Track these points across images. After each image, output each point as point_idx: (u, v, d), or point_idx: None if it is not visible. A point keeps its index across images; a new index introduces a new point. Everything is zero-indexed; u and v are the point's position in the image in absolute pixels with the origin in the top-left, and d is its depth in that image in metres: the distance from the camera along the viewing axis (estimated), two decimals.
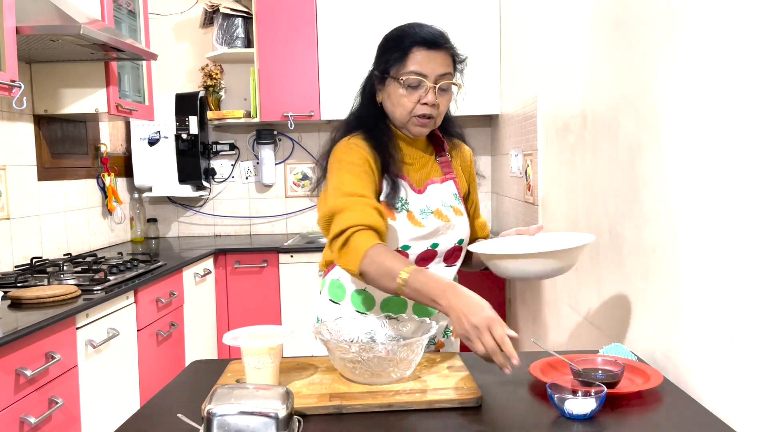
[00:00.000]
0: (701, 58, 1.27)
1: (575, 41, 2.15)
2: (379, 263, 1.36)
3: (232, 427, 0.99)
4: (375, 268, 1.36)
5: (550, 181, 2.56)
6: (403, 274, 1.32)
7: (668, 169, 1.42)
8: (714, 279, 1.22)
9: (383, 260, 1.36)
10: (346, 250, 1.41)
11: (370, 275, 1.38)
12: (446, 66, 1.52)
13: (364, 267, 1.38)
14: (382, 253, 1.37)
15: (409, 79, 1.50)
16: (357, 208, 1.43)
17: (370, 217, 1.42)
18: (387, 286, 1.36)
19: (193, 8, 4.07)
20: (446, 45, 1.53)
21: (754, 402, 1.10)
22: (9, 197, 2.74)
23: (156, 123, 3.76)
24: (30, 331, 1.83)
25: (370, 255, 1.37)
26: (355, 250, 1.39)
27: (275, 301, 3.58)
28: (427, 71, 1.50)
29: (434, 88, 1.50)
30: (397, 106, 1.54)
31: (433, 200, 1.59)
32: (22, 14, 2.25)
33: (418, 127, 1.56)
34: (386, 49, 1.55)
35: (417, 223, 1.56)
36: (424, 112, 1.52)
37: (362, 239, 1.39)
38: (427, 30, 1.53)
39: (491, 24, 3.66)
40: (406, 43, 1.51)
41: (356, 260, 1.38)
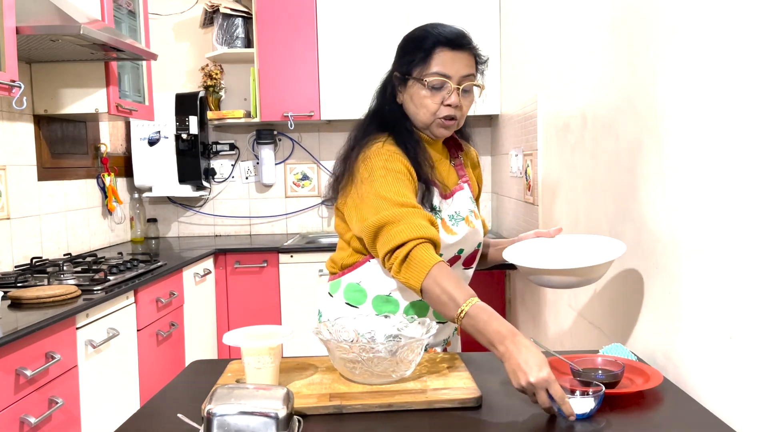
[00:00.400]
0: (701, 58, 1.27)
1: (575, 41, 2.15)
2: (442, 287, 1.30)
3: (232, 427, 0.99)
4: (437, 291, 1.31)
5: (550, 181, 2.56)
6: (465, 307, 1.26)
7: (668, 169, 1.42)
8: (714, 279, 1.22)
9: (446, 285, 1.30)
10: (408, 265, 1.35)
11: (430, 296, 1.34)
12: (469, 67, 1.50)
13: (426, 286, 1.33)
14: (445, 276, 1.32)
15: (433, 81, 1.47)
16: (412, 220, 1.38)
17: (427, 230, 1.38)
18: (445, 313, 1.31)
19: (193, 8, 4.07)
20: (469, 45, 1.51)
21: (754, 402, 1.10)
22: (9, 197, 2.74)
23: (156, 123, 3.76)
24: (30, 331, 1.83)
25: (433, 275, 1.32)
26: (418, 265, 1.34)
27: (275, 301, 3.58)
28: (450, 72, 1.47)
29: (458, 90, 1.48)
30: (420, 107, 1.51)
31: (461, 206, 1.57)
32: (22, 14, 2.25)
33: (442, 129, 1.53)
34: (408, 50, 1.52)
35: (449, 231, 1.53)
36: (448, 113, 1.49)
37: (424, 254, 1.35)
38: (450, 30, 1.50)
39: (491, 24, 3.66)
40: (429, 44, 1.48)
41: (420, 277, 1.34)
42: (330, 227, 4.20)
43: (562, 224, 2.37)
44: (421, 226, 1.37)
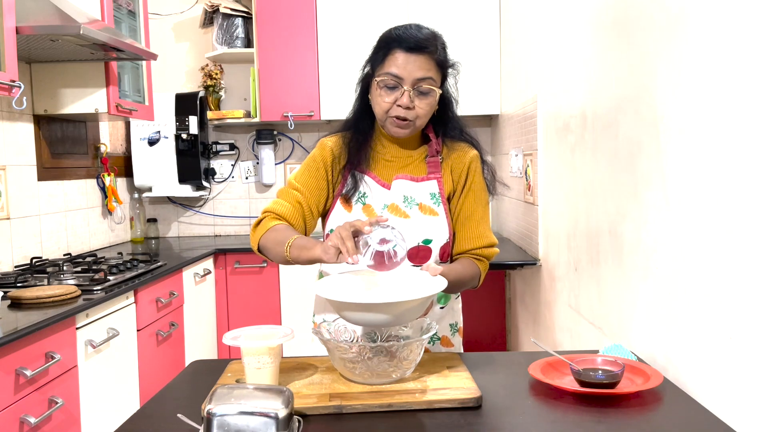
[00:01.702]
0: (701, 58, 1.27)
1: (575, 41, 2.15)
2: (276, 235, 1.52)
3: (232, 427, 0.99)
4: (271, 241, 1.53)
5: (550, 181, 2.56)
6: (291, 239, 1.46)
7: (668, 169, 1.42)
8: (714, 279, 1.22)
9: (282, 233, 1.52)
10: (255, 228, 1.59)
11: (267, 246, 1.54)
12: (425, 70, 1.52)
13: (263, 240, 1.55)
14: (285, 229, 1.54)
15: (386, 80, 1.53)
16: (285, 199, 1.62)
17: (289, 211, 1.59)
18: (279, 252, 1.49)
19: (193, 8, 4.07)
20: (428, 49, 1.52)
21: (754, 402, 1.10)
22: (9, 197, 2.74)
23: (156, 123, 3.76)
24: (30, 331, 1.83)
25: (273, 229, 1.55)
26: (262, 228, 1.57)
27: (275, 301, 3.58)
28: (403, 74, 1.51)
29: (409, 92, 1.52)
30: (375, 105, 1.58)
31: (395, 196, 1.60)
32: (22, 14, 2.25)
33: (395, 128, 1.57)
34: (374, 48, 1.59)
35: (373, 216, 1.58)
36: (398, 113, 1.54)
37: (272, 221, 1.57)
38: (411, 33, 1.53)
39: (491, 24, 3.66)
40: (387, 45, 1.54)
41: (258, 236, 1.57)
42: None
43: (562, 224, 2.37)
44: (286, 205, 1.60)
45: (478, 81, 3.65)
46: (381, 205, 1.60)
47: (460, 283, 1.57)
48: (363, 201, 1.61)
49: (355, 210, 1.61)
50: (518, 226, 3.22)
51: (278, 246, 1.50)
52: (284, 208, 1.60)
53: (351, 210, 1.61)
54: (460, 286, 1.58)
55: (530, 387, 1.32)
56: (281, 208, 1.60)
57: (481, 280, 1.64)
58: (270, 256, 1.56)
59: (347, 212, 1.61)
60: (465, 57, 3.83)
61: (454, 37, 3.71)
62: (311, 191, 1.63)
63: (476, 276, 1.61)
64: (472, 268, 1.60)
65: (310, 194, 1.63)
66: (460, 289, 1.62)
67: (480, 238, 1.62)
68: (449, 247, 1.62)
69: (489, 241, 1.63)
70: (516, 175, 3.19)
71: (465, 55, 3.64)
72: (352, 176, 1.63)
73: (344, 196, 1.63)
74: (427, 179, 1.62)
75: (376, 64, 1.57)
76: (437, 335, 1.67)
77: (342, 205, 1.62)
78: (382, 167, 1.64)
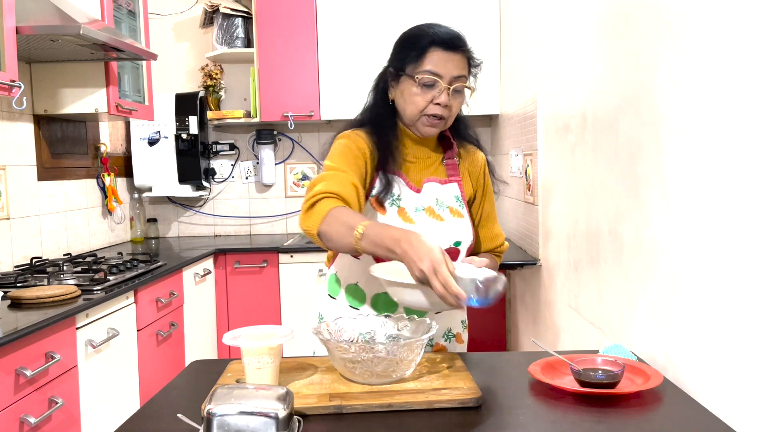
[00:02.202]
0: (701, 58, 1.27)
1: (575, 41, 2.15)
2: (338, 220, 1.35)
3: (232, 427, 0.99)
4: (334, 224, 1.36)
5: (550, 181, 2.56)
6: (360, 228, 1.31)
7: (668, 169, 1.42)
8: (714, 279, 1.22)
9: (343, 217, 1.35)
10: (309, 212, 1.40)
11: (328, 234, 1.37)
12: (461, 68, 1.54)
13: (322, 227, 1.37)
14: (344, 212, 1.37)
15: (424, 78, 1.51)
16: (334, 180, 1.44)
17: (342, 188, 1.43)
18: (345, 242, 1.34)
19: (193, 8, 4.07)
20: (463, 48, 1.54)
21: (754, 402, 1.10)
22: (9, 197, 2.74)
23: (156, 123, 3.76)
24: (30, 331, 1.83)
25: (331, 214, 1.37)
26: (319, 212, 1.38)
27: (275, 301, 3.58)
28: (442, 72, 1.51)
29: (448, 90, 1.52)
30: (409, 103, 1.55)
31: (427, 198, 1.60)
32: (22, 14, 2.25)
33: (428, 127, 1.57)
34: (403, 47, 1.57)
35: (408, 219, 1.57)
36: (435, 112, 1.53)
37: (327, 203, 1.39)
38: (445, 31, 1.54)
39: (491, 24, 3.66)
40: (423, 43, 1.52)
41: (317, 221, 1.38)
42: None
43: (562, 224, 2.37)
44: (338, 184, 1.42)
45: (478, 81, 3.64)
46: (413, 208, 1.58)
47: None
48: (397, 204, 1.58)
49: (389, 213, 1.57)
50: (518, 226, 3.22)
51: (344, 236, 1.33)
52: (340, 187, 1.43)
53: (385, 213, 1.57)
54: None
55: (530, 387, 1.32)
56: (337, 187, 1.42)
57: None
58: (330, 245, 1.40)
59: (381, 215, 1.57)
60: None
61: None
62: (358, 176, 1.50)
63: (497, 269, 1.68)
64: (495, 262, 1.70)
65: (358, 178, 1.50)
66: None
67: (498, 237, 1.74)
68: (472, 248, 1.67)
69: (504, 237, 1.76)
70: (516, 175, 3.19)
71: None
72: (384, 177, 1.57)
73: (376, 198, 1.57)
74: (449, 182, 1.65)
75: (408, 63, 1.54)
76: (452, 332, 1.69)
77: (375, 207, 1.57)
78: (411, 170, 1.62)
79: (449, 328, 1.68)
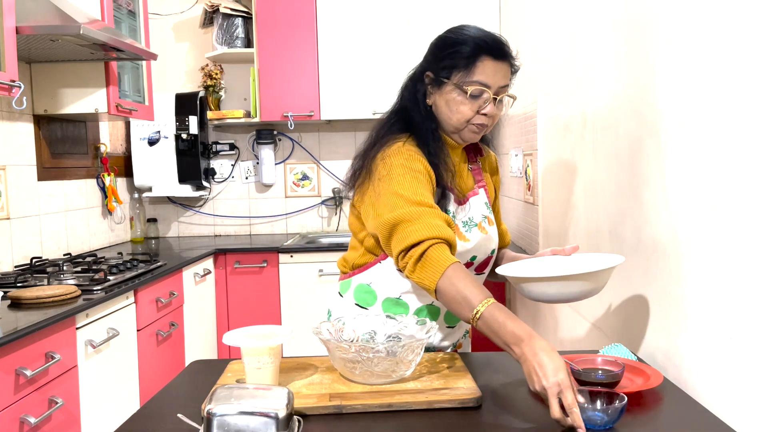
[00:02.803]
0: (701, 58, 1.27)
1: (575, 41, 2.15)
2: (457, 288, 1.28)
3: (232, 427, 0.99)
4: (452, 291, 1.29)
5: (550, 181, 2.56)
6: (480, 308, 1.24)
7: (668, 169, 1.42)
8: (714, 279, 1.22)
9: (461, 285, 1.28)
10: (423, 264, 1.33)
11: (445, 297, 1.31)
12: (507, 77, 1.49)
13: (441, 286, 1.31)
14: (461, 277, 1.29)
15: (474, 89, 1.45)
16: (429, 220, 1.36)
17: (444, 230, 1.35)
18: (460, 314, 1.29)
19: (193, 8, 4.07)
20: (510, 57, 1.49)
21: (754, 402, 1.10)
22: (9, 197, 2.74)
23: (156, 123, 3.76)
24: (30, 331, 1.83)
25: (449, 275, 1.30)
26: (434, 265, 1.31)
27: (275, 301, 3.58)
28: (491, 82, 1.46)
29: (494, 100, 1.47)
30: (455, 113, 1.48)
31: (475, 213, 1.57)
32: (22, 14, 2.25)
33: (473, 134, 1.52)
34: (448, 53, 1.47)
35: (463, 238, 1.52)
36: (482, 122, 1.49)
37: (440, 254, 1.32)
38: (492, 38, 1.47)
39: (491, 24, 3.66)
40: (472, 51, 1.45)
41: (435, 277, 1.31)
42: (330, 227, 4.20)
43: (562, 224, 2.37)
44: (438, 226, 1.35)
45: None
46: (461, 223, 1.54)
47: None
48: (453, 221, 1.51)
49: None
50: (518, 226, 3.22)
51: (460, 308, 1.28)
52: (441, 229, 1.35)
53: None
54: None
55: None
56: (439, 229, 1.35)
57: None
58: (444, 304, 1.34)
59: None
60: None
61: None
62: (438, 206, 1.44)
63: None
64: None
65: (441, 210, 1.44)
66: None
67: (507, 233, 1.77)
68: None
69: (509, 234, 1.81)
70: (516, 175, 3.19)
71: None
72: (438, 193, 1.49)
73: None
74: (479, 188, 1.63)
75: (455, 71, 1.46)
76: (467, 330, 1.70)
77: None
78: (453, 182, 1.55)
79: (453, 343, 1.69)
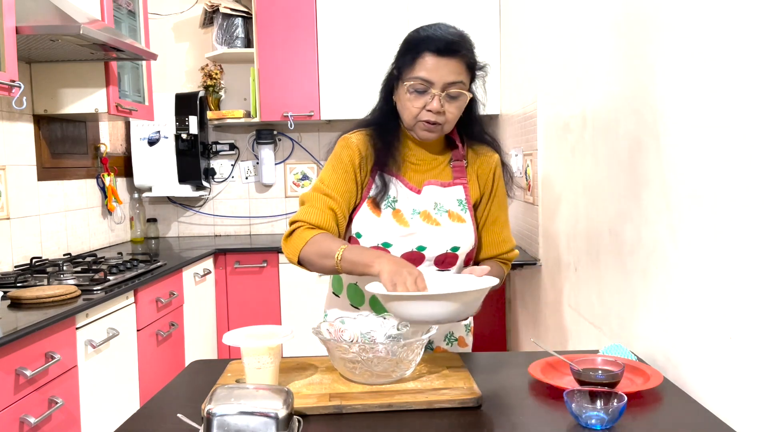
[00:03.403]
0: (701, 58, 1.27)
1: (575, 41, 2.15)
2: (319, 245, 1.47)
3: (232, 427, 0.99)
4: (315, 249, 1.47)
5: (550, 181, 2.56)
6: (340, 251, 1.42)
7: (668, 169, 1.42)
8: (714, 279, 1.22)
9: (323, 242, 1.46)
10: (289, 240, 1.52)
11: (310, 259, 1.49)
12: (456, 74, 1.48)
13: (304, 253, 1.49)
14: (324, 238, 1.48)
15: (415, 85, 1.48)
16: (316, 207, 1.53)
17: (322, 218, 1.52)
18: (327, 265, 1.46)
19: (193, 8, 4.07)
20: (459, 52, 1.48)
21: (754, 402, 1.10)
22: (9, 197, 2.74)
23: (156, 123, 3.76)
24: (30, 331, 1.83)
25: (312, 240, 1.48)
26: (297, 241, 1.50)
27: (275, 301, 3.58)
28: (434, 78, 1.47)
29: (440, 96, 1.48)
30: (403, 109, 1.54)
31: (425, 202, 1.58)
32: (22, 14, 2.25)
33: (425, 132, 1.54)
34: (401, 50, 1.54)
35: (403, 222, 1.56)
36: (428, 118, 1.50)
37: (305, 233, 1.50)
38: (441, 34, 1.48)
39: (491, 24, 3.66)
40: (417, 48, 1.49)
41: (297, 248, 1.49)
42: None
43: (562, 224, 2.37)
44: (319, 213, 1.52)
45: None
46: (410, 210, 1.57)
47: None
48: (392, 206, 1.57)
49: (384, 215, 1.56)
50: (518, 226, 3.22)
51: (324, 260, 1.46)
52: (317, 216, 1.53)
53: (380, 215, 1.56)
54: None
55: (530, 387, 1.32)
56: (314, 216, 1.53)
57: (503, 281, 1.66)
58: (313, 269, 1.51)
59: (376, 216, 1.56)
60: None
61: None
62: (342, 195, 1.55)
63: (502, 278, 1.64)
64: (500, 270, 1.65)
65: (341, 198, 1.55)
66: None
67: (505, 242, 1.67)
68: (473, 253, 1.64)
69: (512, 244, 1.69)
70: (516, 175, 3.19)
71: None
72: (381, 178, 1.58)
73: (372, 199, 1.57)
74: (453, 185, 1.61)
75: (404, 67, 1.51)
76: (455, 336, 1.68)
77: (370, 208, 1.57)
78: (410, 171, 1.60)
79: (451, 332, 1.67)
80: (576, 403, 1.12)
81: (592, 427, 1.10)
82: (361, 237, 1.56)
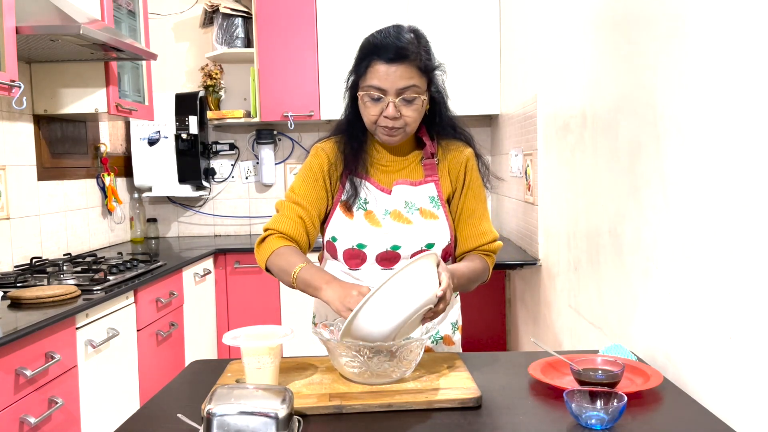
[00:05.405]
0: (701, 58, 1.27)
1: (575, 41, 2.15)
2: (281, 259, 1.51)
3: (232, 427, 0.99)
4: (277, 263, 1.52)
5: (550, 181, 2.56)
6: (297, 269, 1.46)
7: (668, 169, 1.42)
8: (714, 279, 1.22)
9: (286, 257, 1.51)
10: (261, 247, 1.57)
11: (273, 270, 1.54)
12: (407, 79, 1.48)
13: (269, 263, 1.54)
14: (287, 252, 1.52)
15: (369, 93, 1.50)
16: (286, 215, 1.59)
17: (292, 227, 1.57)
18: (285, 280, 1.50)
19: (193, 8, 4.07)
20: (409, 57, 1.47)
21: (754, 402, 1.10)
22: (9, 197, 2.74)
23: (156, 123, 3.76)
24: (30, 331, 1.83)
25: (277, 252, 1.53)
26: (266, 248, 1.55)
27: (275, 301, 3.58)
28: (386, 86, 1.47)
29: (394, 102, 1.49)
30: (364, 115, 1.56)
31: (395, 201, 1.59)
32: (22, 14, 2.25)
33: (386, 137, 1.56)
34: (356, 58, 1.55)
35: (375, 223, 1.57)
36: (386, 124, 1.52)
37: (274, 242, 1.55)
38: (390, 42, 1.48)
39: (491, 24, 3.66)
40: (368, 56, 1.50)
41: (265, 257, 1.55)
42: None
43: (562, 224, 2.37)
44: (289, 222, 1.58)
45: (477, 81, 3.65)
46: (382, 211, 1.59)
47: (472, 281, 1.57)
48: (364, 207, 1.59)
49: (356, 217, 1.58)
50: (518, 226, 3.22)
51: (283, 275, 1.50)
52: (286, 225, 1.58)
53: (352, 217, 1.59)
54: (472, 282, 1.58)
55: (530, 387, 1.32)
56: (283, 225, 1.58)
57: (489, 273, 1.65)
58: (277, 278, 1.56)
59: (349, 219, 1.59)
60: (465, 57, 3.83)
61: (454, 37, 3.72)
62: (311, 203, 1.60)
63: (486, 270, 1.63)
64: (481, 263, 1.62)
65: (311, 206, 1.60)
66: (473, 285, 1.60)
67: (484, 234, 1.64)
68: (451, 248, 1.63)
69: (492, 236, 1.65)
70: (516, 175, 3.19)
71: (465, 55, 3.65)
72: (351, 182, 1.61)
73: (344, 203, 1.60)
74: (424, 182, 1.62)
75: (359, 75, 1.54)
76: (439, 334, 1.67)
77: (343, 212, 1.60)
78: (380, 173, 1.63)
79: (437, 329, 1.67)
80: (576, 403, 1.12)
81: (592, 427, 1.10)
82: (337, 240, 1.59)
